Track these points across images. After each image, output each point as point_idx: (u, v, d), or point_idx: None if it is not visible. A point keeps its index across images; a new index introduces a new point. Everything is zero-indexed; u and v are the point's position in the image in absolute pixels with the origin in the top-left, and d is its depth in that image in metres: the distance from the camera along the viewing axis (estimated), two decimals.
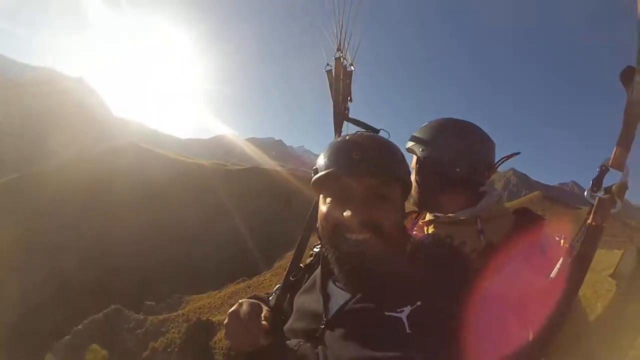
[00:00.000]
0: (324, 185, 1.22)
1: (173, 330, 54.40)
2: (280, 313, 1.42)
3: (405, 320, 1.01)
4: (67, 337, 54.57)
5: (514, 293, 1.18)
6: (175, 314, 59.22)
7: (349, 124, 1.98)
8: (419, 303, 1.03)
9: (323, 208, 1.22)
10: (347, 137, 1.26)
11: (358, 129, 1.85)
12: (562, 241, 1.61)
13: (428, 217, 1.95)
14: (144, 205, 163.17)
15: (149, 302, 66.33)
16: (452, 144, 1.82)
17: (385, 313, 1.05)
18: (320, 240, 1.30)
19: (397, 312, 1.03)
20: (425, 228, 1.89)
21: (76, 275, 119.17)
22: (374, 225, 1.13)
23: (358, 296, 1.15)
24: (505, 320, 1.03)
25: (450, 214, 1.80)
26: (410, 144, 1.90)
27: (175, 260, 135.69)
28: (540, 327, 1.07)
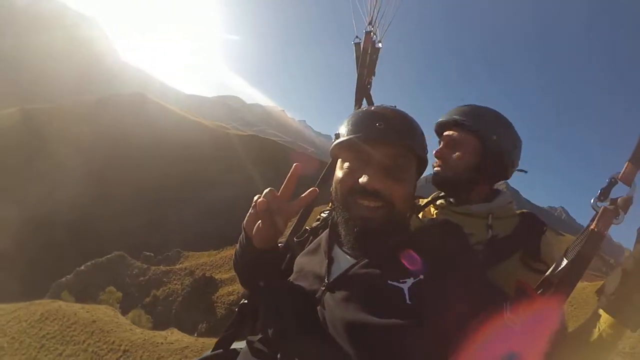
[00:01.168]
0: (344, 150, 1.24)
1: (175, 282, 57.26)
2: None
3: (406, 291, 1.03)
4: (68, 276, 57.18)
5: (510, 284, 1.19)
6: (177, 267, 61.99)
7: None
8: (421, 277, 1.05)
9: (339, 173, 1.23)
10: (372, 108, 1.29)
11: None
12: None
13: (424, 202, 1.97)
14: (143, 158, 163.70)
15: (147, 253, 68.78)
16: (509, 135, 1.82)
17: (388, 282, 1.06)
18: (332, 204, 1.32)
19: (399, 282, 1.05)
20: (433, 210, 1.91)
21: (66, 220, 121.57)
22: (386, 194, 1.14)
23: (363, 262, 1.16)
24: (499, 309, 1.02)
25: (466, 205, 1.81)
26: (464, 120, 1.82)
27: (168, 218, 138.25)
28: (532, 320, 1.06)
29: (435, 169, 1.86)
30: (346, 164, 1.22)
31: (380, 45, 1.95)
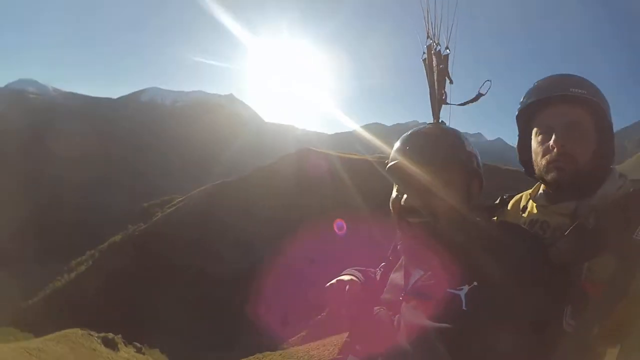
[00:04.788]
0: (391, 175, 1.34)
1: None
2: (382, 287, 1.53)
3: (463, 297, 1.09)
4: None
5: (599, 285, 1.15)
6: None
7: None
8: (475, 283, 1.10)
9: (392, 194, 1.34)
10: (413, 131, 1.38)
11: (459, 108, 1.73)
12: None
13: (523, 197, 1.65)
14: (330, 206, 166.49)
15: None
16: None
17: (448, 289, 1.13)
18: None
19: (457, 290, 1.11)
20: (534, 207, 1.53)
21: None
22: (428, 210, 1.23)
23: (429, 272, 1.25)
24: (559, 315, 1.08)
25: (566, 203, 1.38)
26: (581, 92, 1.34)
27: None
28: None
29: (557, 166, 1.36)
30: (396, 186, 1.39)
31: (447, 51, 1.77)
